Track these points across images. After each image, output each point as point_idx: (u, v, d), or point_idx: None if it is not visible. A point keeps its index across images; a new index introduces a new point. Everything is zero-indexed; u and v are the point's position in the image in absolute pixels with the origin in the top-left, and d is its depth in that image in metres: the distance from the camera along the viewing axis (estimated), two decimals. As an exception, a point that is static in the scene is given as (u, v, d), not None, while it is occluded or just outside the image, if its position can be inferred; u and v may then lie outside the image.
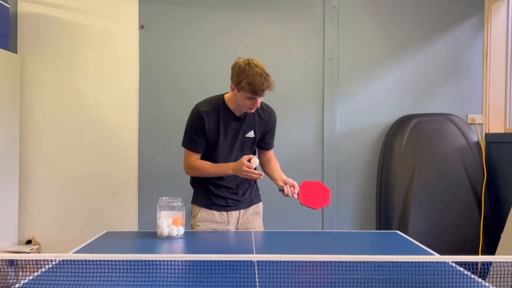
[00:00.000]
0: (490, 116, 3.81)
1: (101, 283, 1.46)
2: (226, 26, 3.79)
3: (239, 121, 2.45)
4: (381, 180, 3.71)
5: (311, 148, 3.80)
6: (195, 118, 2.42)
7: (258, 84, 2.23)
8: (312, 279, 1.56)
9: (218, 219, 2.52)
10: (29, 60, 3.67)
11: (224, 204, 2.52)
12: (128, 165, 3.71)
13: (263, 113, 2.51)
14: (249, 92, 2.26)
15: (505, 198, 3.52)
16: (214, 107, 2.42)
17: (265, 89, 2.26)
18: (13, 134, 3.57)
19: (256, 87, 2.23)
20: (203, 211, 2.53)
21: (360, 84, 3.83)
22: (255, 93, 2.26)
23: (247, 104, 2.33)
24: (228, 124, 2.43)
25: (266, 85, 2.25)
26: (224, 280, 1.49)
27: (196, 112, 2.42)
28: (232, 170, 2.38)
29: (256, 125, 2.49)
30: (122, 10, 3.70)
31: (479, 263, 1.61)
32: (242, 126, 2.45)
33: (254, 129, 2.48)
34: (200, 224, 2.53)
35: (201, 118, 2.40)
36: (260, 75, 2.23)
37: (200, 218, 2.53)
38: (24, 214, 3.65)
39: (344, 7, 3.80)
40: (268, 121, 2.54)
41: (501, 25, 3.79)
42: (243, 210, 2.56)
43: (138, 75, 3.73)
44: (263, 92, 2.27)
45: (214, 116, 2.41)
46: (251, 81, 2.23)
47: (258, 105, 2.33)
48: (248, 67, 2.26)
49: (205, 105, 2.44)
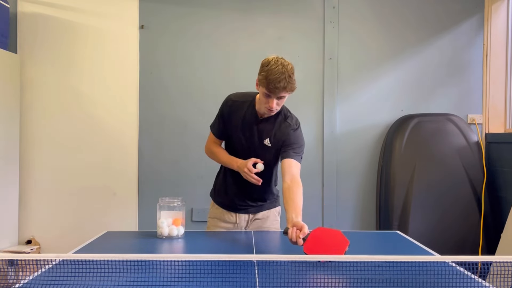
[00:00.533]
0: (490, 116, 3.81)
1: (101, 283, 1.46)
2: (226, 26, 3.79)
3: (260, 123, 2.32)
4: (381, 180, 3.71)
5: (311, 148, 3.80)
6: (224, 103, 2.38)
7: (274, 80, 2.07)
8: (312, 279, 1.56)
9: (227, 219, 2.51)
10: (29, 60, 3.67)
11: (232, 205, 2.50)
12: (128, 165, 3.71)
13: (285, 123, 2.33)
14: (265, 87, 2.12)
15: (505, 198, 3.52)
16: (243, 101, 2.35)
17: (281, 88, 2.09)
18: (13, 134, 3.57)
19: (270, 83, 2.08)
20: (214, 207, 2.54)
21: (360, 84, 3.83)
22: (269, 89, 2.11)
23: (263, 102, 2.19)
24: (249, 122, 2.33)
25: (283, 84, 2.07)
26: (224, 280, 1.49)
27: (227, 98, 2.39)
28: (237, 166, 2.32)
29: (273, 133, 2.32)
30: (122, 10, 3.70)
31: (479, 263, 1.61)
32: (261, 130, 2.32)
33: (270, 138, 2.32)
34: (210, 220, 2.54)
35: (227, 104, 2.36)
36: (280, 73, 2.07)
37: (212, 213, 2.54)
38: (24, 214, 3.65)
39: (344, 7, 3.80)
40: (284, 132, 2.32)
41: (501, 25, 3.79)
42: (252, 214, 2.52)
43: (138, 75, 3.73)
44: (278, 91, 2.10)
45: (239, 108, 2.34)
46: (268, 76, 2.08)
47: (273, 105, 2.15)
48: (273, 62, 2.11)
49: (237, 96, 2.39)
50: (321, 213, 3.80)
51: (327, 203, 3.80)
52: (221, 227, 2.52)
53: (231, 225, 2.51)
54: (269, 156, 2.35)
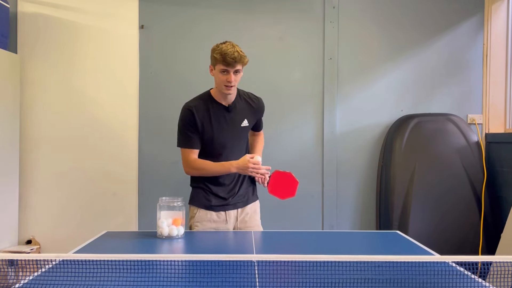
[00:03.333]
0: (490, 116, 3.81)
1: (101, 283, 1.46)
2: (226, 26, 3.79)
3: (230, 111, 2.49)
4: (381, 180, 3.71)
5: (311, 148, 3.80)
6: (185, 114, 2.47)
7: (229, 52, 2.31)
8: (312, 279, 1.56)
9: (217, 218, 2.53)
10: (29, 60, 3.67)
11: (222, 204, 2.53)
12: (128, 165, 3.70)
13: (252, 102, 2.58)
14: (221, 62, 2.34)
15: (505, 198, 3.52)
16: (202, 101, 2.49)
17: (236, 58, 2.32)
18: (13, 134, 3.57)
19: (226, 55, 2.31)
20: (201, 211, 2.54)
21: (360, 84, 3.83)
22: (226, 62, 2.32)
23: (222, 81, 2.38)
24: (219, 114, 2.47)
25: (237, 56, 2.32)
26: (224, 280, 1.49)
27: (185, 108, 2.48)
28: (236, 168, 2.40)
29: (248, 113, 2.54)
30: (122, 10, 3.69)
31: (479, 263, 1.61)
32: (233, 116, 2.49)
33: (248, 118, 2.54)
34: (198, 224, 2.54)
35: (191, 113, 2.45)
36: (232, 47, 2.35)
37: (199, 218, 2.54)
38: (24, 214, 3.65)
39: (344, 7, 3.80)
40: (258, 108, 2.60)
41: (501, 25, 3.79)
42: (240, 209, 2.58)
43: (138, 75, 3.73)
44: (234, 62, 2.32)
45: (203, 109, 2.46)
46: (222, 51, 2.34)
47: (232, 79, 2.35)
48: (222, 43, 2.40)
49: (192, 101, 2.52)
50: (321, 213, 3.80)
51: (327, 203, 3.80)
52: (210, 228, 2.52)
53: (221, 224, 2.53)
54: (246, 135, 2.61)
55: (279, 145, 3.76)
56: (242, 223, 2.58)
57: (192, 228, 2.56)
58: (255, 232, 2.50)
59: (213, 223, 2.53)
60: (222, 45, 2.39)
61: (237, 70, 2.37)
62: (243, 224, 2.58)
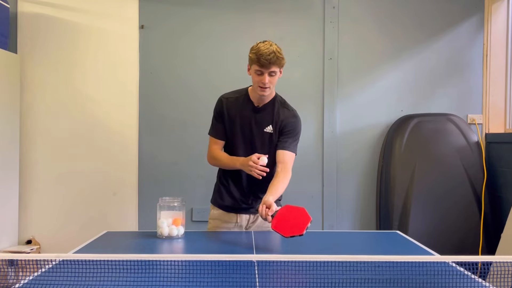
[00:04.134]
0: (490, 116, 3.81)
1: (101, 283, 1.46)
2: (226, 26, 3.79)
3: (258, 112, 2.43)
4: (381, 180, 3.71)
5: (311, 148, 3.80)
6: (217, 104, 2.49)
7: (264, 54, 2.23)
8: (312, 279, 1.56)
9: (228, 219, 2.53)
10: (29, 60, 3.67)
11: (235, 206, 2.52)
12: (128, 165, 3.71)
13: (284, 109, 2.46)
14: (256, 63, 2.26)
15: (505, 198, 3.52)
16: (237, 96, 2.47)
17: (272, 61, 2.24)
18: (13, 134, 3.57)
19: (261, 57, 2.23)
20: (215, 209, 2.56)
21: (360, 84, 3.83)
22: (260, 63, 2.25)
23: (257, 81, 2.31)
24: (247, 113, 2.43)
25: (273, 57, 2.23)
26: (224, 280, 1.49)
27: (219, 99, 2.49)
28: (240, 164, 2.36)
29: (274, 119, 2.42)
30: (122, 10, 3.70)
31: (479, 263, 1.61)
32: (260, 118, 2.42)
33: (272, 124, 2.42)
34: (211, 221, 2.56)
35: (221, 103, 2.47)
36: (268, 49, 2.25)
37: (212, 215, 2.57)
38: (24, 214, 3.65)
39: (344, 7, 3.80)
40: (287, 118, 2.43)
41: (501, 25, 3.79)
42: (253, 215, 2.54)
43: (138, 75, 3.73)
44: (269, 64, 2.24)
45: (234, 104, 2.45)
46: (258, 52, 2.26)
47: (266, 80, 2.28)
48: (260, 43, 2.31)
49: (228, 93, 2.51)
50: (321, 213, 3.80)
51: (327, 203, 3.80)
52: (222, 228, 2.53)
53: (233, 225, 2.53)
54: (270, 143, 2.43)
55: (279, 145, 3.76)
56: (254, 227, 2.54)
57: (208, 224, 2.58)
58: (255, 232, 2.50)
59: (224, 223, 2.53)
60: (260, 43, 2.32)
61: (272, 71, 2.30)
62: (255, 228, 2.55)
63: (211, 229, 2.57)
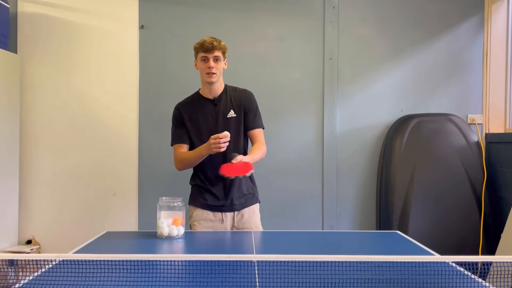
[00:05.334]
0: (490, 116, 3.80)
1: (101, 283, 1.46)
2: (226, 26, 3.78)
3: (216, 104, 2.58)
4: (381, 180, 3.71)
5: (311, 148, 3.80)
6: (174, 112, 2.64)
7: (206, 41, 2.49)
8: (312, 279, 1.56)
9: (213, 218, 2.57)
10: (29, 60, 3.67)
11: (218, 204, 2.57)
12: (128, 165, 3.70)
13: (236, 92, 2.64)
14: (200, 49, 2.49)
15: (505, 198, 3.52)
16: (189, 100, 2.64)
17: (213, 44, 2.47)
18: (13, 134, 3.57)
19: (204, 43, 2.48)
20: (198, 211, 2.59)
21: (360, 84, 3.83)
22: (204, 48, 2.48)
23: (203, 69, 2.50)
24: (205, 110, 2.57)
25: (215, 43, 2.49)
26: (224, 280, 1.49)
27: (175, 107, 2.65)
28: (205, 148, 2.44)
29: (233, 103, 2.59)
30: (122, 10, 3.69)
31: (479, 263, 1.61)
32: (220, 108, 2.57)
33: (233, 108, 2.59)
34: (196, 223, 2.58)
35: (178, 111, 2.62)
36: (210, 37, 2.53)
37: (196, 217, 2.59)
38: (24, 214, 3.65)
39: (344, 7, 3.80)
40: (243, 97, 2.62)
41: (501, 25, 3.79)
42: (237, 212, 2.59)
43: (138, 75, 3.73)
44: (212, 48, 2.47)
45: (190, 107, 2.60)
46: (201, 41, 2.52)
47: (211, 64, 2.47)
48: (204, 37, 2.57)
49: (181, 101, 2.67)
50: (321, 213, 3.80)
51: (327, 203, 3.80)
52: (207, 227, 2.54)
53: (218, 223, 2.54)
54: (237, 126, 2.58)
55: (279, 145, 3.76)
56: (240, 224, 2.59)
57: (192, 228, 2.60)
58: (255, 232, 2.50)
59: (209, 222, 2.57)
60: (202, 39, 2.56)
61: (216, 57, 2.50)
62: (240, 225, 2.59)
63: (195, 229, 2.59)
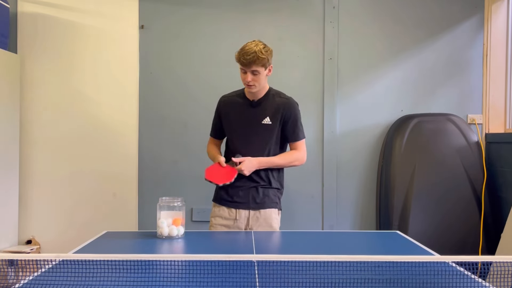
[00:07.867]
0: (490, 116, 3.80)
1: (101, 283, 1.46)
2: (226, 26, 3.79)
3: (254, 106, 2.55)
4: (381, 180, 3.71)
5: (311, 148, 3.78)
6: (218, 103, 2.67)
7: (244, 53, 2.37)
8: (312, 279, 1.56)
9: (228, 216, 2.55)
10: (29, 60, 3.66)
11: (231, 200, 2.55)
12: (128, 165, 3.70)
13: (278, 99, 2.55)
14: (239, 61, 2.42)
15: (505, 198, 3.52)
16: (233, 95, 2.64)
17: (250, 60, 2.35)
18: (13, 134, 3.57)
19: (241, 56, 2.38)
20: (216, 206, 2.60)
21: (360, 84, 3.83)
22: (241, 62, 2.40)
23: (242, 79, 2.46)
24: (243, 110, 2.56)
25: (253, 56, 2.34)
26: (224, 280, 1.49)
27: (220, 99, 2.67)
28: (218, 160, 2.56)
29: (271, 111, 2.52)
30: (122, 10, 3.69)
31: (479, 263, 1.61)
32: (257, 112, 2.53)
33: (270, 116, 2.52)
34: (212, 219, 2.59)
35: (219, 103, 2.66)
36: (250, 48, 2.37)
37: (213, 213, 2.60)
38: (24, 214, 3.65)
39: (344, 7, 3.80)
40: (283, 106, 2.53)
41: (501, 25, 3.79)
42: (252, 211, 2.54)
43: (138, 75, 3.73)
44: (249, 63, 2.36)
45: (230, 102, 2.61)
46: (241, 50, 2.41)
47: (248, 79, 2.40)
48: (249, 42, 2.45)
49: (228, 94, 2.68)
50: (321, 213, 3.80)
51: (327, 203, 3.80)
52: (221, 224, 2.54)
53: (231, 222, 2.53)
54: (270, 134, 2.53)
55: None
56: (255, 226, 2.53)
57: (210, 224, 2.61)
58: (255, 232, 2.50)
59: (224, 220, 2.55)
60: (248, 43, 2.44)
61: (254, 70, 2.41)
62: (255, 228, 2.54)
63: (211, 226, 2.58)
